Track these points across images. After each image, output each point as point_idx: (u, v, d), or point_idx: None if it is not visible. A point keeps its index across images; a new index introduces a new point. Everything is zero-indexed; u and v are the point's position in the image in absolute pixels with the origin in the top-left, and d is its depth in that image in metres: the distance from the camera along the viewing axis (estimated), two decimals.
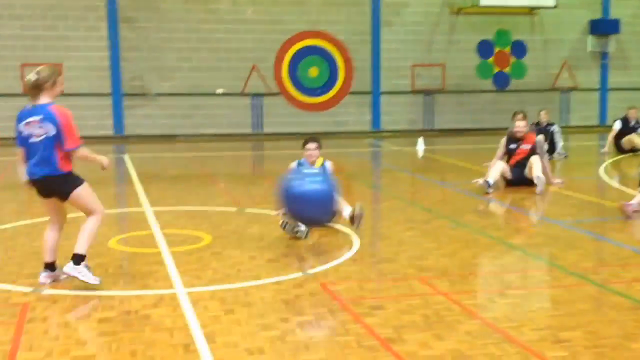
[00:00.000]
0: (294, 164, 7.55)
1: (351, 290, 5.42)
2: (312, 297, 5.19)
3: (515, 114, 12.41)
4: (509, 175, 9.90)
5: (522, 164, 9.92)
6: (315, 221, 6.74)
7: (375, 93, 18.33)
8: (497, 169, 9.80)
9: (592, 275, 5.79)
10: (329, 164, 7.57)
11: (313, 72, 18.06)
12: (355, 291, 5.40)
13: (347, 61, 18.15)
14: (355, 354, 4.17)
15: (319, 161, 7.54)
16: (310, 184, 6.53)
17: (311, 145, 7.54)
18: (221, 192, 10.01)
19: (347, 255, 6.40)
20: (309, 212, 6.50)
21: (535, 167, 9.68)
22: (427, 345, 4.31)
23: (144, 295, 5.20)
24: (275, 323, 4.64)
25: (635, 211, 7.73)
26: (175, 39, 17.24)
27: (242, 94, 17.67)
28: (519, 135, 10.20)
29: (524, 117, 11.43)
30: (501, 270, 6.17)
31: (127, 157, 13.79)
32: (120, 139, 16.92)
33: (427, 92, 18.56)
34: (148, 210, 8.39)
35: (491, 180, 9.54)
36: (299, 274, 5.76)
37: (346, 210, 7.11)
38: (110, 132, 16.94)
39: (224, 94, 17.60)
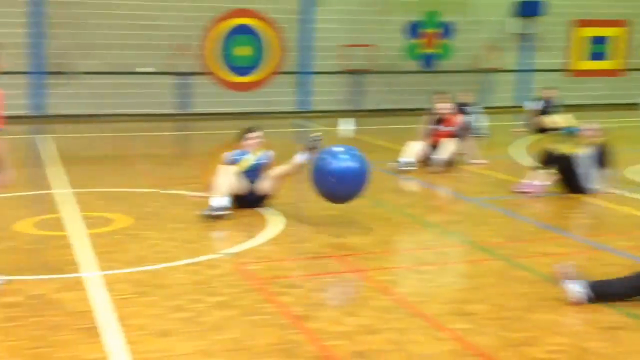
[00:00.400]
0: (227, 157, 7.52)
1: (267, 270, 5.49)
2: (227, 278, 5.23)
3: (435, 95, 12.67)
4: (428, 154, 10.08)
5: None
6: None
7: (305, 73, 18.36)
8: (416, 148, 9.98)
9: (500, 251, 6.01)
10: (270, 154, 7.57)
11: (242, 51, 17.94)
12: (270, 271, 5.47)
13: (278, 40, 18.10)
14: (266, 332, 4.24)
15: (258, 151, 7.55)
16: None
17: (254, 134, 7.56)
18: (143, 173, 9.91)
19: (265, 235, 6.45)
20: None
21: (444, 149, 9.86)
22: (337, 322, 4.42)
23: (54, 279, 5.14)
24: (188, 304, 4.67)
25: (528, 191, 7.94)
26: (100, 16, 16.85)
27: (169, 73, 17.42)
28: (442, 116, 10.43)
29: (447, 99, 11.70)
30: (415, 247, 6.34)
31: (48, 138, 13.48)
32: (41, 118, 16.49)
33: (356, 73, 18.68)
34: (66, 192, 8.25)
35: (412, 159, 9.73)
36: (215, 255, 5.79)
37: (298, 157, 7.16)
38: (28, 111, 16.47)
39: (150, 73, 17.32)
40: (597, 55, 20.44)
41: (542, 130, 14.18)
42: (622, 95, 20.60)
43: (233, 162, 7.40)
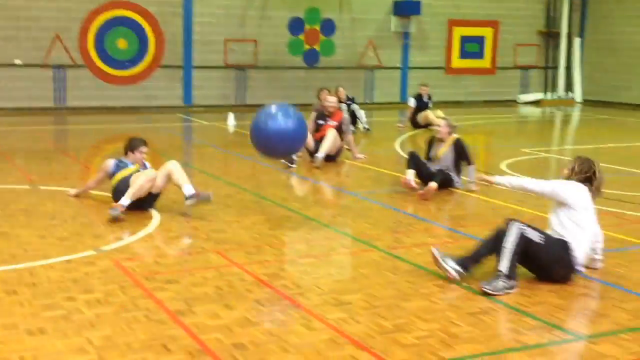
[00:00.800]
0: (111, 163, 7.28)
1: (145, 266, 5.43)
2: (103, 275, 5.14)
3: (320, 90, 12.89)
4: (312, 148, 10.22)
5: None
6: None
7: (187, 67, 18.13)
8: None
9: (377, 242, 6.21)
10: (150, 171, 7.31)
11: (121, 43, 17.49)
12: (149, 267, 5.41)
13: (158, 34, 17.77)
14: (142, 328, 4.21)
15: (139, 165, 7.33)
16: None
17: (144, 149, 7.31)
18: (18, 168, 9.52)
19: (145, 231, 6.37)
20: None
21: (326, 144, 10.04)
22: (216, 316, 4.44)
23: None
24: (61, 302, 4.56)
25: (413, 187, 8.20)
26: None
27: (44, 66, 16.77)
28: (329, 110, 10.58)
29: (331, 93, 11.96)
30: (295, 240, 6.44)
31: None
32: None
33: (239, 68, 18.63)
34: None
35: (294, 156, 9.83)
36: (91, 252, 5.67)
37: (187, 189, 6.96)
38: None
39: (23, 65, 16.60)
40: (470, 54, 21.34)
41: (420, 125, 14.68)
42: (495, 93, 21.64)
43: (115, 169, 7.20)
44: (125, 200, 6.76)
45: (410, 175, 8.22)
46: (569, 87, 22.28)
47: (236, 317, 4.43)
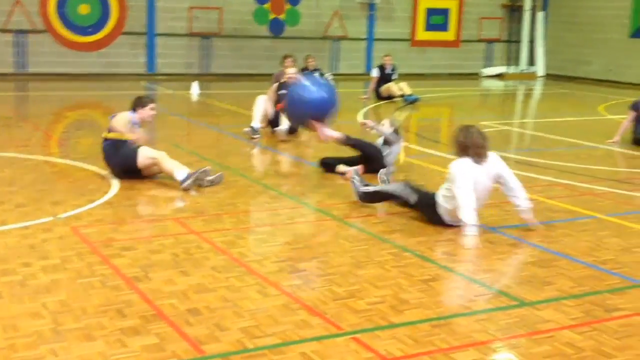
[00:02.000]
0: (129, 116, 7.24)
1: (103, 232, 5.46)
2: (61, 241, 5.17)
3: (284, 58, 12.79)
4: (272, 118, 10.21)
5: None
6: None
7: (150, 34, 17.93)
8: (262, 112, 10.09)
9: (335, 211, 6.31)
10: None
11: (83, 9, 17.21)
12: (106, 233, 5.45)
13: (121, 0, 17.53)
14: (98, 294, 4.26)
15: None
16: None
17: (154, 106, 7.44)
18: None
19: (104, 198, 6.39)
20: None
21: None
22: (171, 282, 4.51)
23: None
24: (17, 268, 4.59)
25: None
26: None
27: (4, 30, 16.45)
28: (290, 81, 10.47)
29: (294, 63, 11.89)
30: (253, 209, 6.51)
31: None
32: None
33: (204, 36, 18.48)
34: None
35: (257, 125, 9.86)
36: (49, 219, 5.68)
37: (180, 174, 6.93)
38: None
39: None
40: (435, 27, 21.42)
41: (383, 97, 14.76)
42: (459, 65, 21.79)
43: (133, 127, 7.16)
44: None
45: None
46: (531, 61, 22.52)
47: (192, 283, 4.50)
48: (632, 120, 10.19)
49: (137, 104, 7.36)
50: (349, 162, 7.82)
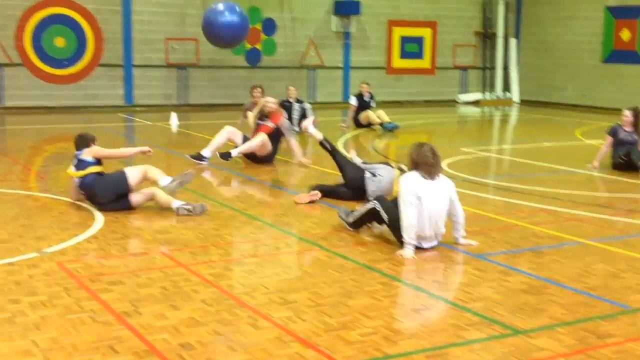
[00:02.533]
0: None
1: (89, 267, 5.39)
2: (47, 277, 5.09)
3: (253, 88, 12.90)
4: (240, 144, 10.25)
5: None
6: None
7: (127, 66, 17.91)
8: (219, 143, 10.17)
9: (322, 241, 6.29)
10: None
11: (59, 42, 17.16)
12: (93, 268, 5.38)
13: (97, 31, 17.50)
14: (88, 330, 4.19)
15: None
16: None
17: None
18: None
19: (88, 232, 6.32)
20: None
21: (247, 144, 10.03)
22: (162, 316, 4.45)
23: None
24: (4, 305, 4.50)
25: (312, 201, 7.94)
26: None
27: None
28: (267, 110, 10.47)
29: (262, 93, 12.08)
30: (240, 240, 6.47)
31: None
32: None
33: (181, 67, 18.50)
34: None
35: (207, 154, 9.94)
36: (34, 254, 5.60)
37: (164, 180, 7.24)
38: None
39: None
40: (410, 54, 21.66)
41: (362, 125, 14.84)
42: (435, 92, 22.02)
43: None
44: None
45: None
46: (506, 87, 22.83)
47: (183, 317, 4.45)
48: (609, 145, 10.32)
49: (83, 143, 7.30)
50: (335, 192, 7.89)
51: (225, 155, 9.87)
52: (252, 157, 10.18)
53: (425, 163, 5.94)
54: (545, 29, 22.19)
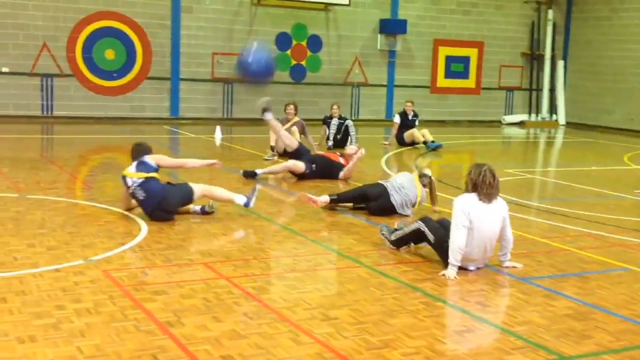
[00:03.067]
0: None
1: (134, 276, 5.46)
2: (93, 284, 5.16)
3: (287, 105, 13.37)
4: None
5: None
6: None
7: (174, 79, 18.17)
8: (279, 168, 10.38)
9: (364, 259, 6.27)
10: None
11: (109, 54, 17.51)
12: (138, 277, 5.44)
13: (146, 45, 17.81)
14: (132, 338, 4.23)
15: None
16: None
17: None
18: (5, 177, 9.49)
19: (133, 242, 6.40)
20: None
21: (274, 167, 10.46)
22: (204, 327, 4.48)
23: None
24: (51, 311, 4.58)
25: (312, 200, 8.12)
26: None
27: (31, 74, 16.74)
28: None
29: (296, 109, 12.62)
30: (282, 255, 6.49)
31: None
32: None
33: (226, 81, 18.70)
34: None
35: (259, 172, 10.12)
36: (80, 262, 5.69)
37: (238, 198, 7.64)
38: None
39: (10, 73, 16.57)
40: (455, 74, 21.56)
41: (405, 143, 14.80)
42: (479, 113, 21.87)
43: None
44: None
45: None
46: (552, 109, 22.56)
47: (224, 329, 4.47)
48: None
49: (143, 151, 7.51)
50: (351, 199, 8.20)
51: (250, 174, 9.98)
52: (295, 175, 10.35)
53: (484, 183, 5.83)
54: (594, 52, 21.89)
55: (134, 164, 7.31)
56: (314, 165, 10.24)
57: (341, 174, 10.21)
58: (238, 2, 18.67)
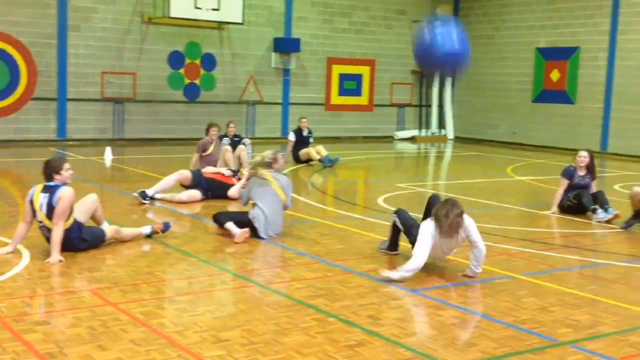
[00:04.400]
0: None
1: (14, 307, 5.20)
2: None
3: (210, 127, 12.76)
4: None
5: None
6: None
7: (61, 99, 17.58)
8: (167, 185, 10.08)
9: (257, 277, 6.23)
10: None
11: None
12: (18, 308, 5.19)
13: (30, 64, 17.15)
14: None
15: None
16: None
17: (68, 166, 7.05)
18: None
19: (14, 270, 6.11)
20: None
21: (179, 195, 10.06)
22: (88, 357, 4.31)
23: None
24: None
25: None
26: None
27: None
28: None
29: (219, 131, 12.02)
30: (173, 277, 6.35)
31: None
32: None
33: (117, 101, 18.26)
34: None
35: (151, 193, 9.81)
36: None
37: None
38: None
39: None
40: (348, 91, 21.93)
41: (301, 160, 14.87)
42: (373, 129, 22.30)
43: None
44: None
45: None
46: (441, 124, 23.28)
47: (110, 357, 4.32)
48: (564, 188, 9.90)
49: (52, 170, 6.85)
50: (240, 220, 7.82)
51: (143, 195, 9.72)
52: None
53: (447, 224, 6.18)
54: (479, 69, 22.77)
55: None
56: (209, 192, 10.16)
57: (230, 193, 10.03)
58: (128, 21, 18.31)
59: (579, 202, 9.72)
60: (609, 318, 5.44)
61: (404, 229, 6.96)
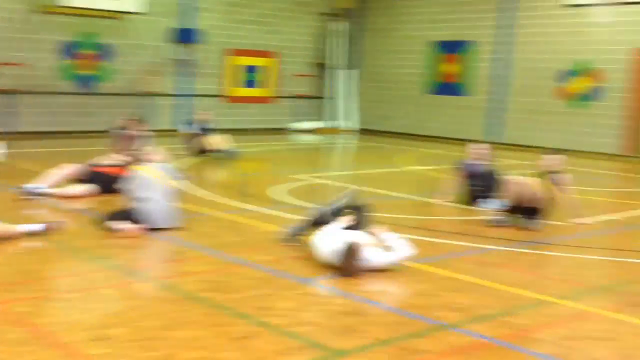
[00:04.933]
0: None
1: None
2: None
3: (131, 120, 12.42)
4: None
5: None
6: None
7: None
8: (57, 175, 9.72)
9: (146, 273, 6.13)
10: None
11: None
12: None
13: None
14: None
15: None
16: None
17: None
18: None
19: None
20: None
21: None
22: None
23: None
24: None
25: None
26: None
27: None
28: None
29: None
30: (59, 275, 6.16)
31: None
32: None
33: (6, 92, 17.48)
34: None
35: (41, 188, 9.42)
36: None
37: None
38: None
39: None
40: (249, 83, 21.84)
41: (202, 151, 14.72)
42: (274, 121, 22.28)
43: None
44: None
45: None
46: (344, 116, 23.52)
47: None
48: (458, 179, 10.11)
49: None
50: (130, 216, 7.62)
51: (32, 190, 9.37)
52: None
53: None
54: (379, 62, 23.20)
55: None
56: (101, 186, 9.87)
57: (118, 186, 9.73)
58: (16, 9, 17.54)
59: (472, 190, 10.02)
60: (491, 301, 5.66)
61: (318, 223, 6.95)
